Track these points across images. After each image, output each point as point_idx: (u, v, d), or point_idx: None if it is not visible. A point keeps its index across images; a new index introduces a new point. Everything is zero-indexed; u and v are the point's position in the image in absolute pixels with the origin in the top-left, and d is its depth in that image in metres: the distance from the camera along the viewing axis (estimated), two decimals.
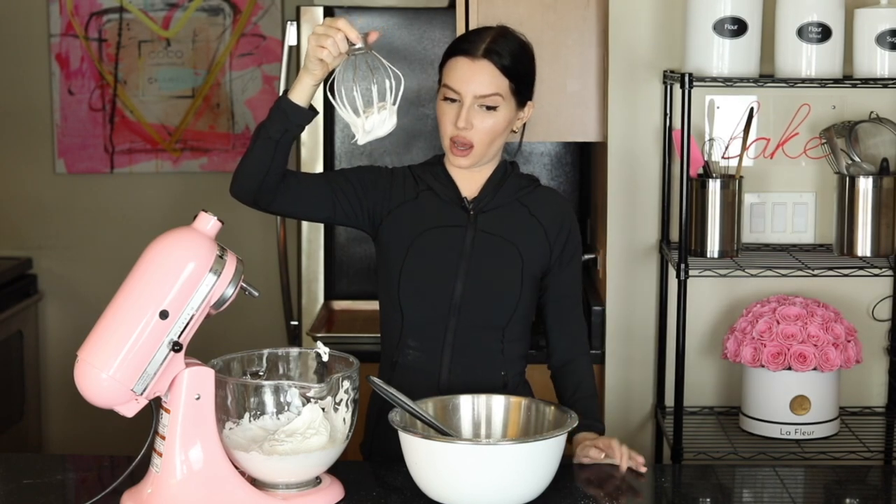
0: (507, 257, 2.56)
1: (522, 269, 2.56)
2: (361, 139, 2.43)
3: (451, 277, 2.54)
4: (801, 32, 2.97)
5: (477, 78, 2.50)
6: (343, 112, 2.41)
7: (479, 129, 2.52)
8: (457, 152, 2.53)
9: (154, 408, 2.22)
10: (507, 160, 2.64)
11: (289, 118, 2.43)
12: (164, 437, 2.20)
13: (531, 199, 2.62)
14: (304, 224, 3.76)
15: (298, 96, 2.42)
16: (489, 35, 2.54)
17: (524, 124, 2.63)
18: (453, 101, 2.52)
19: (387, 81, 2.40)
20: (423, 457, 2.19)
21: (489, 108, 2.51)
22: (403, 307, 2.56)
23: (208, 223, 2.22)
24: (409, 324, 2.57)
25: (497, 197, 2.59)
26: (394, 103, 2.42)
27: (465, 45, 2.54)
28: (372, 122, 2.41)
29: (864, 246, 2.98)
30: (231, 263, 2.21)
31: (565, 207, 2.65)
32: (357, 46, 2.37)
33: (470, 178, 2.60)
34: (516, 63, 2.53)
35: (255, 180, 2.47)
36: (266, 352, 2.34)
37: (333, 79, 2.41)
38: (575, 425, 2.25)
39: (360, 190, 2.58)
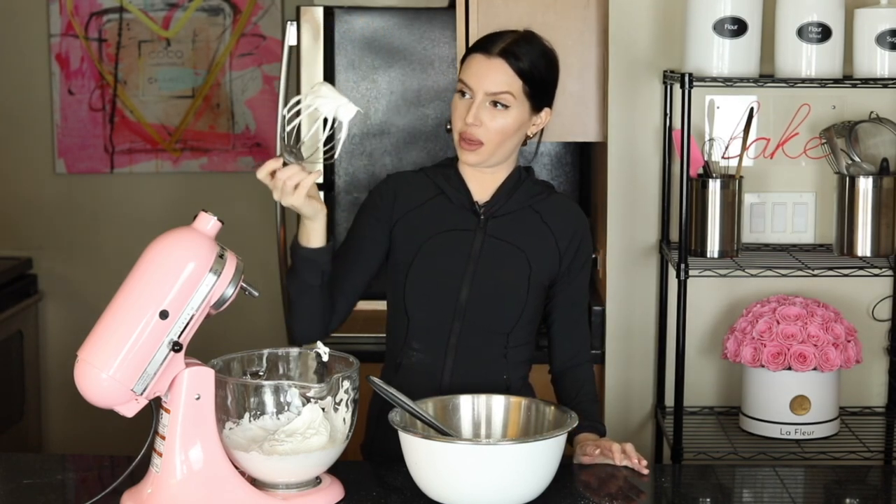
0: (514, 263, 2.55)
1: (530, 277, 2.55)
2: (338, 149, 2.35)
3: (457, 281, 2.54)
4: (801, 32, 2.97)
5: (490, 75, 2.49)
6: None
7: (488, 128, 2.50)
8: (465, 146, 2.51)
9: (154, 408, 2.22)
10: (521, 166, 2.63)
11: (319, 263, 2.43)
12: (164, 437, 2.20)
13: (544, 207, 2.60)
14: None
15: (315, 240, 2.41)
16: (510, 37, 2.53)
17: (542, 131, 2.61)
18: (465, 95, 2.52)
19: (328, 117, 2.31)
20: (423, 457, 2.19)
21: (500, 105, 2.49)
22: (408, 309, 2.56)
23: (208, 223, 2.22)
24: (413, 326, 2.56)
25: (509, 202, 2.58)
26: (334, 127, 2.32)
27: (484, 43, 2.54)
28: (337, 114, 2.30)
29: (864, 246, 2.98)
30: (231, 263, 2.21)
31: (579, 217, 2.63)
32: (288, 157, 2.30)
33: (483, 182, 2.59)
34: (532, 67, 2.51)
35: (320, 324, 2.50)
36: (266, 352, 2.34)
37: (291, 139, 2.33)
38: (575, 425, 2.25)
39: (375, 235, 2.58)
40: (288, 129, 2.29)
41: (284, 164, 2.28)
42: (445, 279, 2.54)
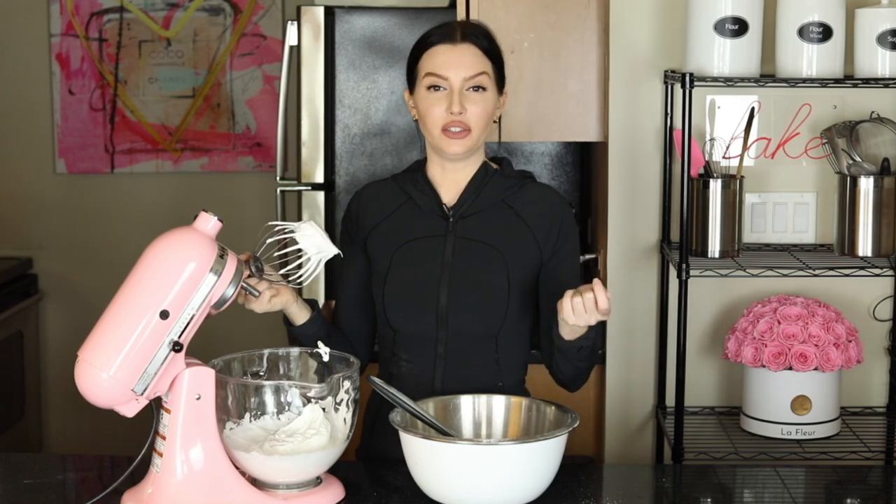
0: (490, 263, 2.49)
1: (508, 274, 2.49)
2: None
3: (433, 289, 2.49)
4: (802, 32, 2.97)
5: (463, 60, 2.47)
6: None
7: (473, 113, 2.46)
8: (451, 136, 2.47)
9: (154, 408, 2.22)
10: (487, 161, 2.58)
11: (309, 335, 2.49)
12: (164, 437, 2.20)
13: (517, 200, 2.54)
14: None
15: (298, 319, 2.50)
16: (459, 24, 2.54)
17: (500, 117, 2.58)
18: (439, 88, 2.48)
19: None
20: (423, 457, 2.19)
21: (479, 88, 2.47)
22: (391, 322, 2.52)
23: (208, 223, 2.22)
24: (399, 338, 2.53)
25: (478, 201, 2.52)
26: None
27: (438, 36, 2.51)
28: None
29: (864, 246, 2.98)
30: (231, 263, 2.21)
31: (555, 203, 2.56)
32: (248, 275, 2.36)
33: (451, 183, 2.54)
34: (493, 46, 2.52)
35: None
36: (266, 352, 2.34)
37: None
38: (576, 425, 2.24)
39: (357, 265, 2.59)
40: (259, 251, 2.37)
41: (249, 276, 2.37)
42: (422, 288, 2.50)
